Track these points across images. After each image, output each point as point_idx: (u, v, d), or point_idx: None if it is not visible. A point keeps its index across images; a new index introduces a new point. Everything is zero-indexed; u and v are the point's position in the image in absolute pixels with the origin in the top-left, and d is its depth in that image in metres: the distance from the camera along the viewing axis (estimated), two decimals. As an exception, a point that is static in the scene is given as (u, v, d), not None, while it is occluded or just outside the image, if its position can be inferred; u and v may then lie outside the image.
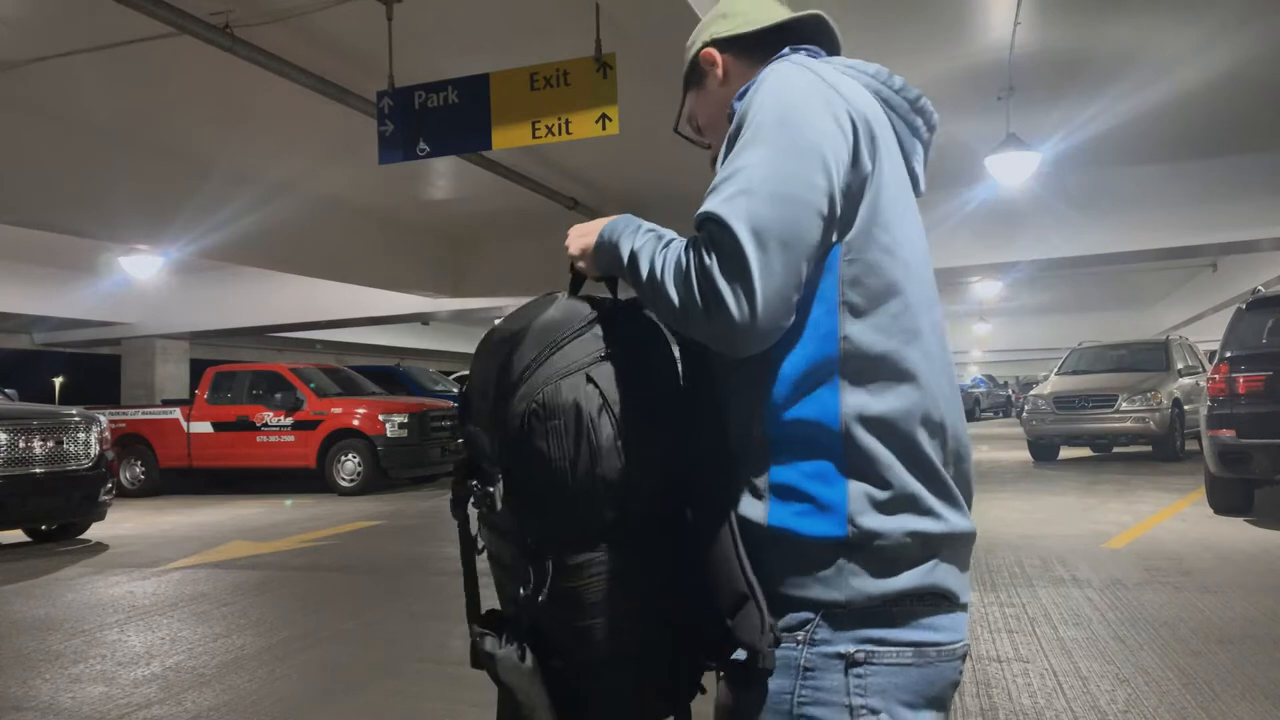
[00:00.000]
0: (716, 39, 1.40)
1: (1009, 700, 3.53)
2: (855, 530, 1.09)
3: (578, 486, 1.12)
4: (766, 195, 1.08)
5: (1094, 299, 24.53)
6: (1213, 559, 6.06)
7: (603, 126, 5.94)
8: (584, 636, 1.15)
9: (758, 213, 1.07)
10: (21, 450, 7.92)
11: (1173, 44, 7.72)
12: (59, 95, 8.17)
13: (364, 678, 4.13)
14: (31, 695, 3.97)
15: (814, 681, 1.10)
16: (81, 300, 16.89)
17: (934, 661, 1.12)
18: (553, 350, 1.16)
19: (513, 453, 1.15)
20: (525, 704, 1.18)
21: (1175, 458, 12.94)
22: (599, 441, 1.12)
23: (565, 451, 1.12)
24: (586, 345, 1.17)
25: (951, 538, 1.14)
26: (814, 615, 1.11)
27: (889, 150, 1.21)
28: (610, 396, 1.13)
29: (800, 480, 1.11)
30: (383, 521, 9.40)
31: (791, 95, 1.15)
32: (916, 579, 1.11)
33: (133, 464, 13.35)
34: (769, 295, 1.05)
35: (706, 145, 1.47)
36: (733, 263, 1.06)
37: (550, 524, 1.15)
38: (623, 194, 12.43)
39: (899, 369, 1.14)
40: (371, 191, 11.70)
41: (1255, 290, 8.95)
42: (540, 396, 1.13)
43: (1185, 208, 11.36)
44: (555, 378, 1.14)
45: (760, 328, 1.06)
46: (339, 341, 24.25)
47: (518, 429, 1.14)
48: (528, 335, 1.18)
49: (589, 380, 1.14)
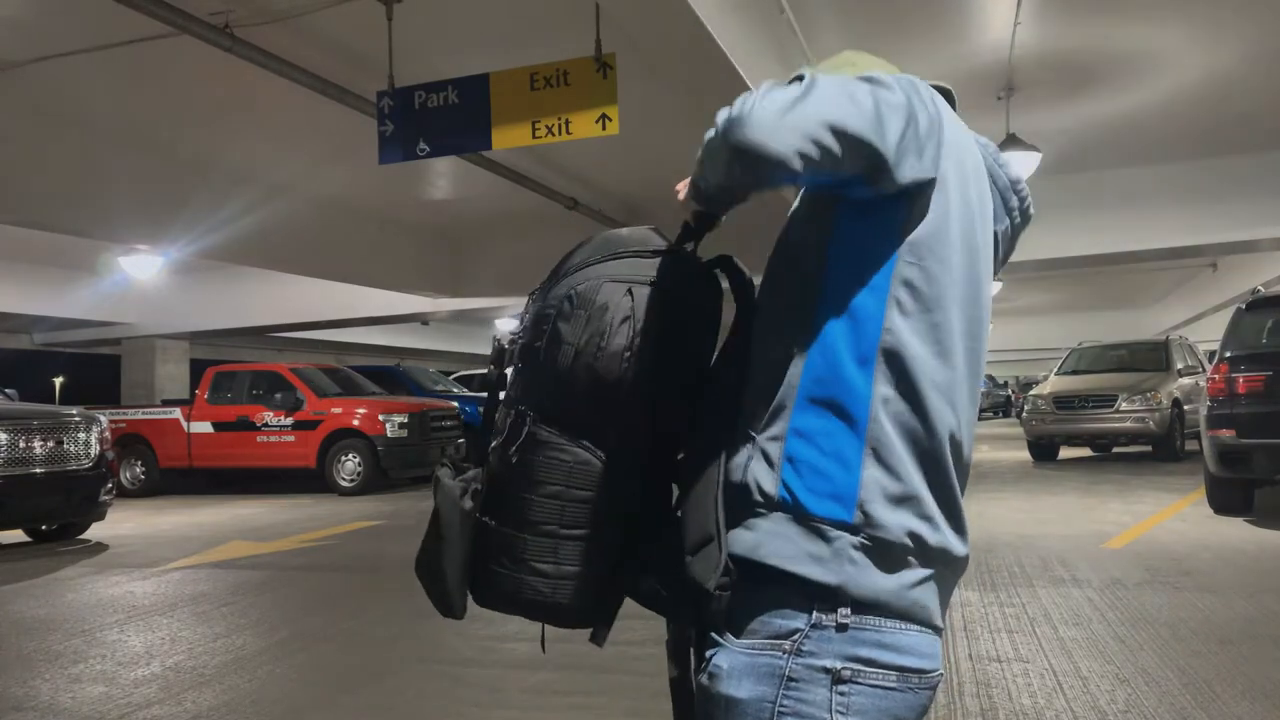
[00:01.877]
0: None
1: (1009, 700, 3.53)
2: (862, 516, 1.10)
3: (574, 373, 1.19)
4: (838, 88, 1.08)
5: (1094, 299, 24.53)
6: (1213, 559, 6.06)
7: (603, 126, 5.94)
8: (520, 507, 1.22)
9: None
10: (22, 450, 7.92)
11: (1173, 44, 7.73)
12: (59, 95, 8.18)
13: (364, 678, 4.13)
14: (31, 695, 3.97)
15: (797, 693, 1.10)
16: (81, 300, 16.88)
17: (914, 688, 1.12)
18: (609, 257, 1.24)
19: (536, 325, 1.25)
20: (445, 536, 1.25)
21: (1175, 458, 12.94)
22: (608, 344, 1.18)
23: (577, 338, 1.19)
24: (641, 268, 1.23)
25: (946, 554, 1.15)
26: (803, 626, 1.10)
27: (976, 191, 1.22)
28: (638, 314, 1.19)
29: (818, 457, 1.12)
30: (383, 521, 9.40)
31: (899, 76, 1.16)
32: (907, 584, 1.12)
33: (133, 464, 13.35)
34: (814, 101, 1.04)
35: None
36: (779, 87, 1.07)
37: (542, 396, 1.23)
38: (623, 194, 12.43)
39: (934, 393, 1.15)
40: (371, 191, 11.69)
41: (1255, 290, 8.95)
42: (581, 286, 1.22)
43: (1185, 208, 11.36)
44: (599, 279, 1.22)
45: (758, 116, 1.04)
46: (339, 341, 24.24)
47: (553, 306, 1.23)
48: (596, 238, 1.29)
49: (628, 293, 1.20)
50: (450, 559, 1.25)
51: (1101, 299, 24.53)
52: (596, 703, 3.64)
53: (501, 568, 1.24)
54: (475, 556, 1.25)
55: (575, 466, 1.20)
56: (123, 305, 17.19)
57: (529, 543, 1.22)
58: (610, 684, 3.83)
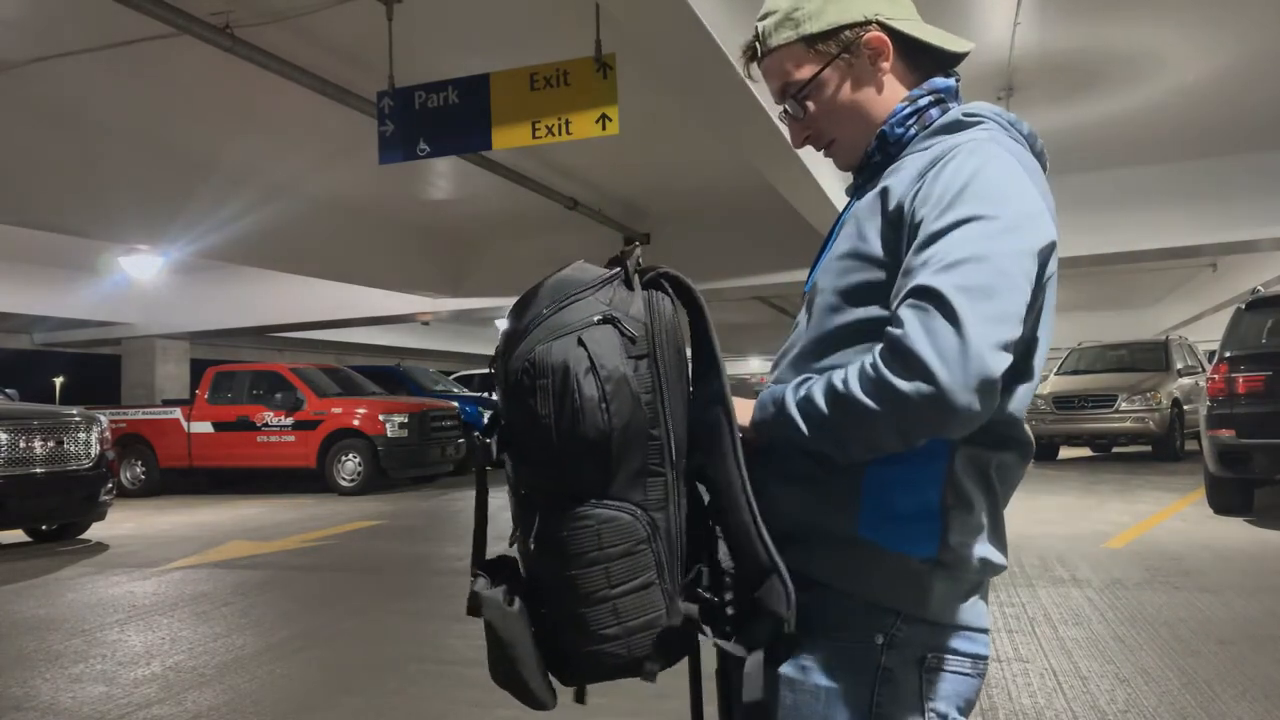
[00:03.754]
0: (890, 27, 1.26)
1: (1009, 700, 3.53)
2: (947, 552, 1.16)
3: (561, 444, 1.13)
4: (987, 272, 1.06)
5: (1094, 299, 24.51)
6: (1213, 559, 6.06)
7: (603, 126, 5.94)
8: (564, 587, 1.17)
9: (969, 283, 1.05)
10: (22, 450, 7.92)
11: (1173, 44, 7.72)
12: (59, 95, 8.17)
13: (364, 678, 4.13)
14: (32, 695, 3.97)
15: (893, 684, 1.15)
16: (81, 300, 16.88)
17: (980, 674, 1.21)
18: (555, 310, 1.17)
19: (509, 406, 1.19)
20: (508, 644, 1.20)
21: (1175, 458, 12.94)
22: (582, 404, 1.12)
23: (550, 410, 1.13)
24: (589, 307, 1.17)
25: (997, 569, 1.24)
26: (894, 619, 1.16)
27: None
28: (600, 359, 1.13)
29: (902, 498, 1.15)
30: (383, 521, 9.40)
31: (1021, 205, 1.12)
32: (974, 602, 1.22)
33: (133, 464, 13.35)
34: (977, 344, 1.01)
35: (792, 118, 1.34)
36: (936, 319, 1.02)
37: (539, 477, 1.18)
38: (623, 194, 12.43)
39: (1008, 428, 1.19)
40: (372, 191, 11.69)
41: (1255, 290, 8.95)
42: (533, 355, 1.15)
43: (1185, 208, 11.36)
44: (549, 338, 1.15)
45: (969, 385, 1.00)
46: (339, 341, 24.24)
47: (514, 384, 1.16)
48: (539, 291, 1.20)
49: (580, 343, 1.14)
50: (524, 664, 1.21)
51: (1101, 299, 24.50)
52: (597, 703, 3.63)
53: (574, 646, 1.20)
54: (544, 643, 1.22)
55: (601, 528, 1.15)
56: (123, 305, 17.18)
57: (587, 615, 1.17)
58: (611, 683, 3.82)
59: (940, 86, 1.27)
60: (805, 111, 1.30)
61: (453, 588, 5.94)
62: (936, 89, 1.27)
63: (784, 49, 1.28)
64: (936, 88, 1.27)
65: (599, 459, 1.13)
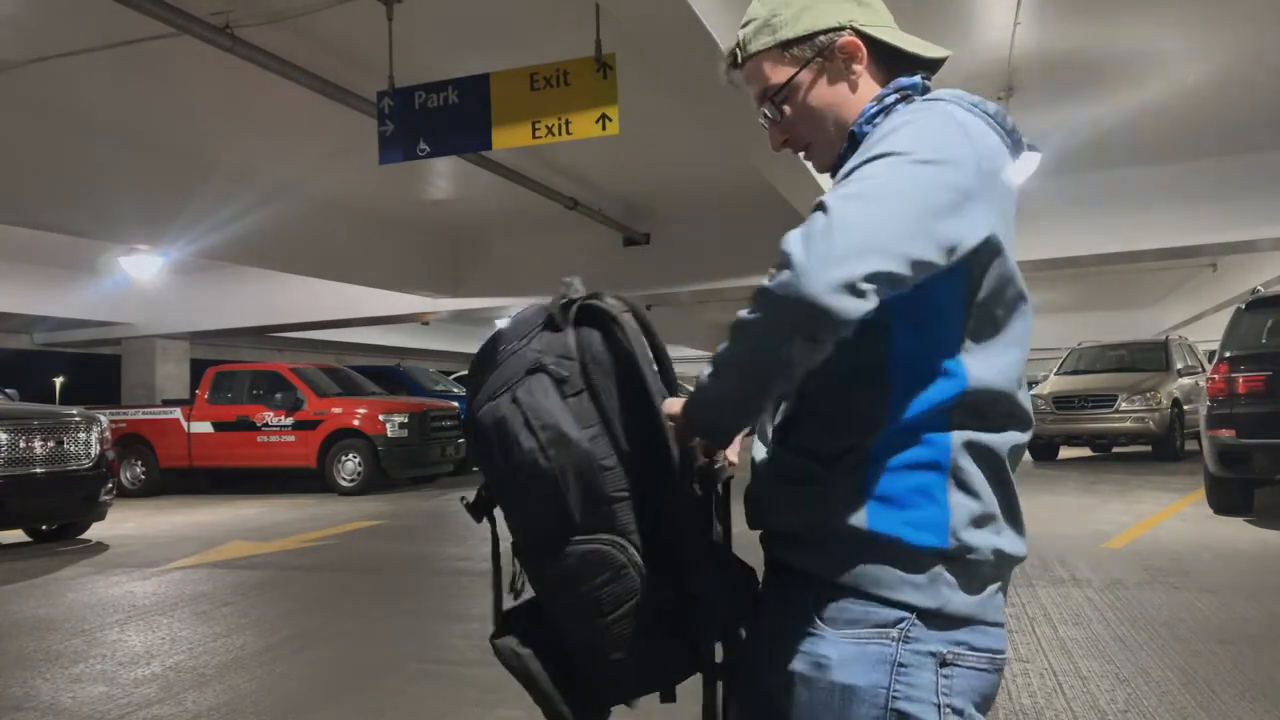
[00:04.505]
0: (863, 32, 1.29)
1: (1009, 700, 3.53)
2: (956, 543, 1.15)
3: (519, 494, 1.22)
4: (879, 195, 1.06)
5: (1094, 299, 24.51)
6: (1212, 559, 6.06)
7: (603, 126, 5.94)
8: (567, 625, 1.26)
9: (854, 191, 1.06)
10: (22, 450, 7.92)
11: (1172, 44, 7.72)
12: (59, 95, 8.17)
13: (364, 678, 4.13)
14: (32, 695, 3.97)
15: (907, 678, 1.15)
16: (81, 300, 16.88)
17: (998, 669, 1.21)
18: (489, 370, 1.26)
19: (477, 463, 1.29)
20: (531, 684, 1.29)
21: (1175, 458, 12.94)
22: (522, 456, 1.19)
23: (498, 466, 1.22)
24: (521, 360, 1.24)
25: (1016, 559, 1.23)
26: (909, 614, 1.16)
27: (1005, 204, 1.20)
28: (532, 411, 1.20)
29: (906, 491, 1.16)
30: (383, 521, 9.40)
31: (941, 148, 1.11)
32: (989, 594, 1.20)
33: (133, 464, 13.35)
34: (844, 240, 1.00)
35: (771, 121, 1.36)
36: (814, 221, 1.03)
37: (513, 525, 1.28)
38: (623, 194, 12.43)
39: (1009, 407, 1.19)
40: (371, 191, 11.69)
41: (1255, 290, 8.95)
42: (477, 418, 1.25)
43: (1185, 208, 11.35)
44: (489, 398, 1.24)
45: (823, 272, 0.99)
46: (339, 341, 24.23)
47: (472, 445, 1.27)
48: (479, 353, 1.30)
49: (513, 400, 1.21)
50: (552, 699, 1.28)
51: (1101, 299, 24.51)
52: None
53: (594, 673, 1.27)
54: (569, 674, 1.28)
55: (580, 563, 1.20)
56: (123, 305, 17.18)
57: (595, 643, 1.24)
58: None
59: (905, 84, 1.28)
60: (782, 115, 1.33)
61: (453, 588, 5.94)
62: (902, 86, 1.28)
63: (762, 54, 1.32)
64: (902, 85, 1.28)
65: (555, 502, 1.19)
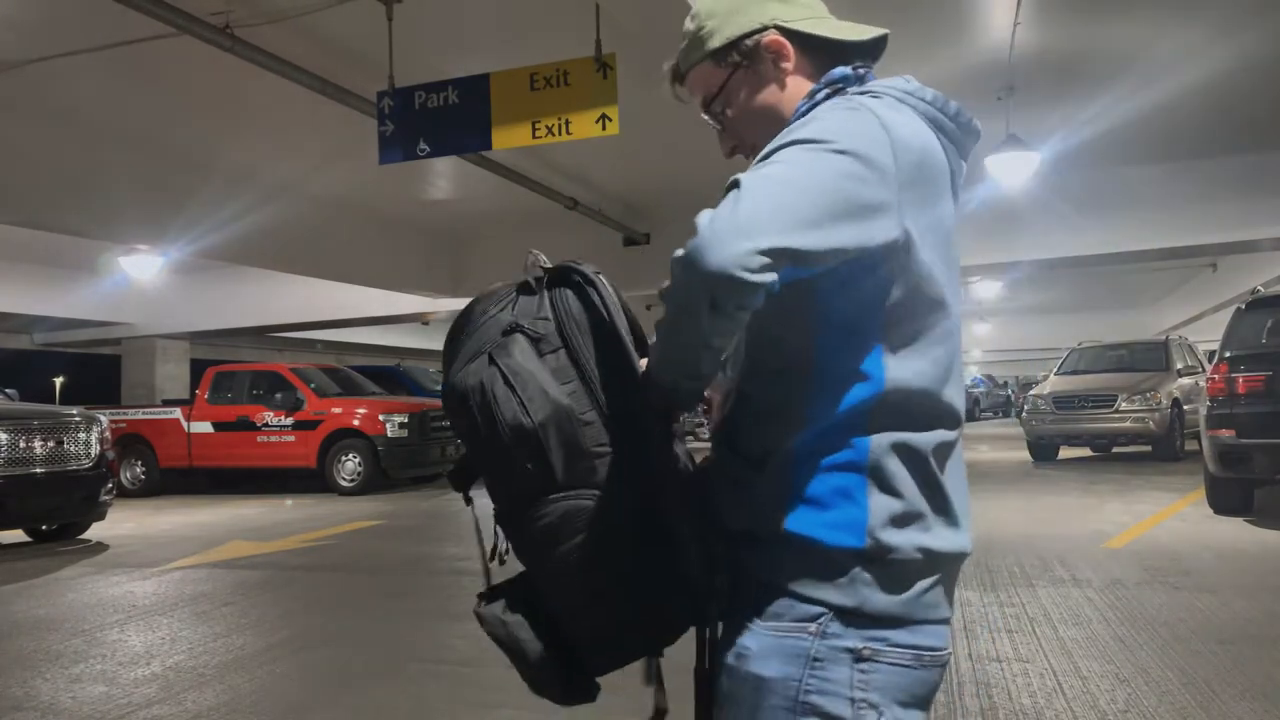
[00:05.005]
0: (787, 29, 1.30)
1: (1009, 700, 3.53)
2: (873, 543, 1.15)
3: (500, 452, 1.20)
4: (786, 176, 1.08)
5: (1094, 299, 24.52)
6: (1212, 559, 6.06)
7: (603, 126, 5.94)
8: (552, 582, 1.24)
9: (763, 172, 1.08)
10: (22, 450, 7.92)
11: (1173, 44, 7.72)
12: (59, 95, 8.17)
13: (364, 678, 4.13)
14: (31, 695, 3.97)
15: (822, 672, 1.15)
16: (81, 300, 16.88)
17: (927, 665, 1.19)
18: (469, 336, 1.27)
19: (455, 432, 1.29)
20: (515, 650, 1.28)
21: (1175, 458, 12.94)
22: (502, 410, 1.19)
23: (481, 425, 1.21)
24: (497, 325, 1.26)
25: (954, 555, 1.21)
26: (828, 611, 1.16)
27: (932, 194, 1.20)
28: (510, 367, 1.20)
29: (825, 492, 1.16)
30: (383, 521, 9.41)
31: (855, 141, 1.12)
32: (918, 593, 1.18)
33: (133, 464, 13.35)
34: (747, 214, 1.03)
35: (720, 128, 1.40)
36: (724, 200, 1.06)
37: (499, 487, 1.26)
38: (623, 194, 12.43)
39: (932, 406, 1.20)
40: (371, 191, 11.69)
41: (1255, 290, 8.95)
42: (455, 381, 1.24)
43: (1185, 208, 11.36)
44: (464, 362, 1.24)
45: (724, 243, 1.02)
46: (339, 341, 24.23)
47: (449, 411, 1.26)
48: (454, 325, 1.31)
49: (490, 360, 1.22)
50: (539, 665, 1.28)
51: (1101, 299, 24.52)
52: (599, 703, 3.63)
53: (580, 635, 1.27)
54: (558, 640, 1.28)
55: (560, 519, 1.19)
56: (123, 305, 17.18)
57: (573, 604, 1.24)
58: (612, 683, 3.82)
59: (837, 76, 1.28)
60: (725, 122, 1.37)
61: (453, 588, 5.94)
62: (833, 80, 1.28)
63: (697, 68, 1.35)
64: (833, 78, 1.28)
65: (536, 455, 1.19)
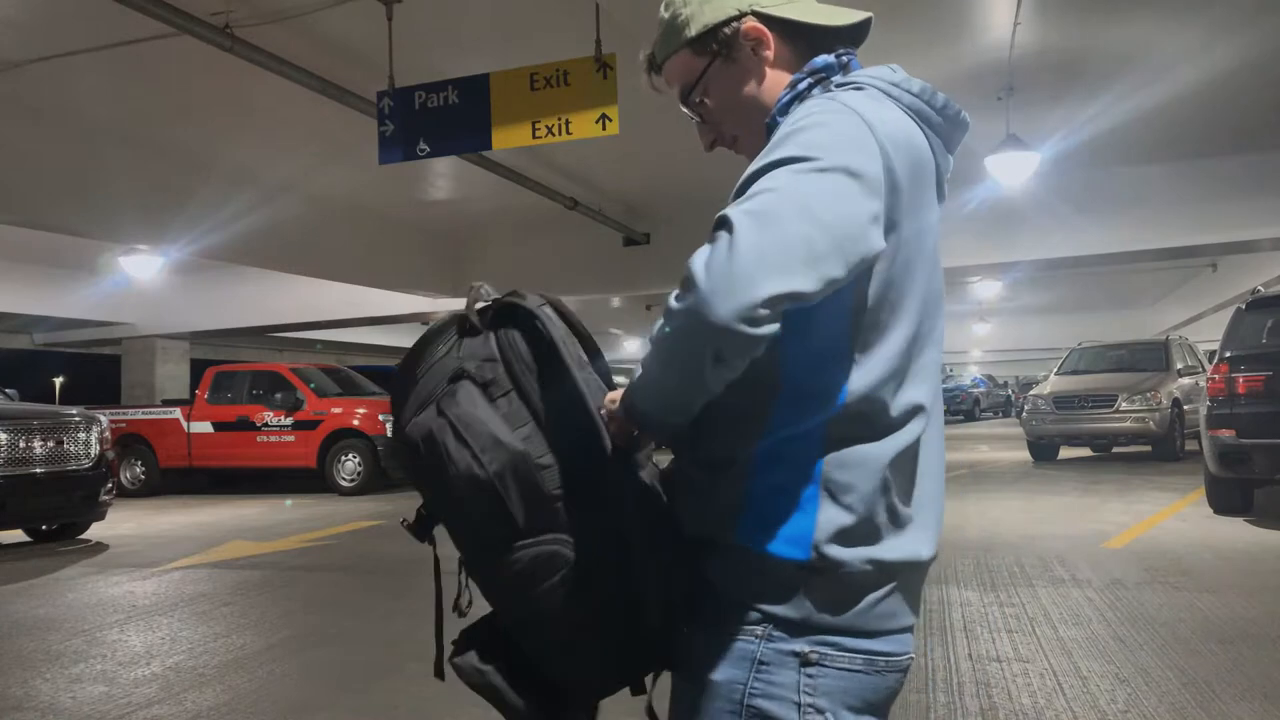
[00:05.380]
0: (766, 15, 1.26)
1: (1009, 700, 3.53)
2: (818, 556, 1.11)
3: (460, 506, 1.18)
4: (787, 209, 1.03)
5: (1094, 299, 24.52)
6: (1213, 559, 6.06)
7: (603, 126, 5.94)
8: (527, 627, 1.22)
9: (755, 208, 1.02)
10: (22, 450, 7.92)
11: (1173, 44, 7.72)
12: (59, 95, 8.17)
13: (364, 678, 4.13)
14: (31, 695, 3.97)
15: (767, 675, 1.13)
16: (81, 300, 16.88)
17: (881, 671, 1.16)
18: (410, 386, 1.23)
19: (412, 480, 1.25)
20: (497, 699, 1.26)
21: (1175, 458, 12.94)
22: (457, 466, 1.15)
23: (433, 481, 1.19)
24: (443, 369, 1.21)
25: (910, 565, 1.17)
26: (775, 620, 1.14)
27: (917, 196, 1.17)
28: (461, 419, 1.16)
29: (776, 502, 1.13)
30: (383, 521, 9.40)
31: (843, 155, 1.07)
32: (870, 605, 1.14)
33: (133, 464, 13.35)
34: (746, 261, 0.97)
35: (699, 119, 1.36)
36: (718, 240, 1.01)
37: (457, 540, 1.24)
38: (623, 194, 12.43)
39: (893, 407, 1.15)
40: (371, 191, 11.69)
41: (1255, 290, 8.95)
42: (405, 434, 1.21)
43: (1185, 208, 11.35)
44: (415, 413, 1.21)
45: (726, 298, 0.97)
46: (339, 341, 24.23)
47: (403, 463, 1.24)
48: (398, 370, 1.26)
49: (439, 411, 1.18)
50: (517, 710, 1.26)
51: (1101, 299, 24.52)
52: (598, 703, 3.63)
53: (558, 675, 1.24)
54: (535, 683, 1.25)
55: (532, 564, 1.16)
56: (123, 305, 17.18)
57: (548, 649, 1.22)
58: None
59: (820, 65, 1.25)
60: (704, 114, 1.33)
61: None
62: (815, 69, 1.25)
63: (674, 57, 1.32)
64: (815, 67, 1.25)
65: (496, 507, 1.15)
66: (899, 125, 1.16)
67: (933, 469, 1.22)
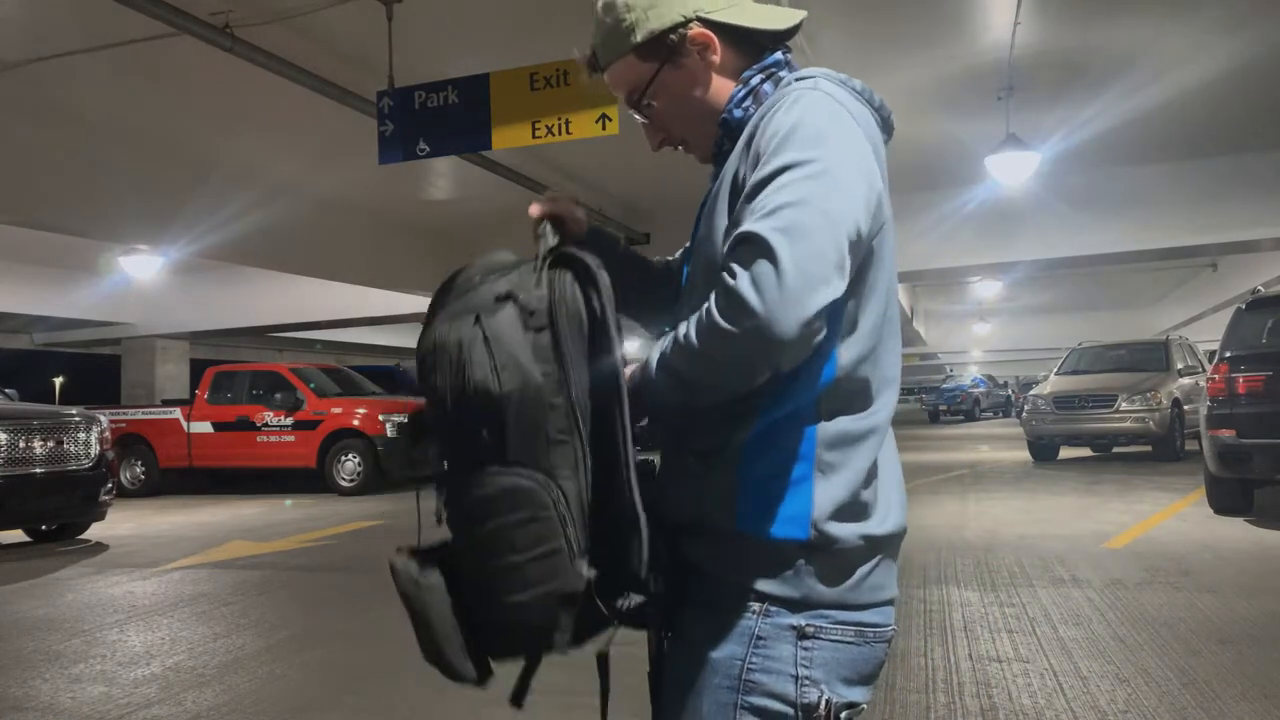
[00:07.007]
0: (710, 20, 1.28)
1: (1009, 700, 3.53)
2: (817, 534, 1.16)
3: (457, 411, 1.16)
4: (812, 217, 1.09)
5: (1094, 299, 24.54)
6: (1213, 559, 6.06)
7: (603, 126, 5.94)
8: (474, 553, 1.18)
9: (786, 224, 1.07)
10: (22, 450, 7.92)
11: (1173, 44, 7.72)
12: (59, 95, 8.17)
13: (364, 678, 4.13)
14: (31, 695, 3.97)
15: (765, 650, 1.17)
16: (81, 300, 16.89)
17: (870, 642, 1.21)
18: (458, 295, 1.23)
19: (422, 384, 1.24)
20: (422, 616, 1.22)
21: (1175, 458, 12.94)
22: (473, 371, 1.15)
23: (446, 382, 1.17)
24: (491, 289, 1.21)
25: (894, 536, 1.24)
26: (773, 598, 1.18)
27: (886, 177, 1.23)
28: (492, 331, 1.16)
29: (772, 485, 1.17)
30: (383, 521, 9.40)
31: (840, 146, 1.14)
32: (862, 577, 1.20)
33: (133, 464, 13.35)
34: (793, 282, 1.04)
35: (646, 121, 1.38)
36: (758, 262, 1.05)
37: (446, 447, 1.22)
38: (623, 194, 12.44)
39: (872, 382, 1.22)
40: (371, 191, 11.69)
41: (1255, 290, 8.95)
42: (435, 333, 1.20)
43: (1185, 208, 11.36)
44: (449, 319, 1.20)
45: (786, 317, 1.04)
46: (339, 341, 24.24)
47: (420, 366, 1.22)
48: (446, 281, 1.26)
49: (476, 320, 1.18)
50: (441, 637, 1.22)
51: (1101, 299, 24.54)
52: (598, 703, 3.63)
53: (485, 615, 1.20)
54: (464, 621, 1.22)
55: (503, 494, 1.14)
56: (123, 305, 17.19)
57: (494, 581, 1.16)
58: (613, 684, 3.81)
59: (769, 61, 1.30)
60: (651, 116, 1.36)
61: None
62: (765, 65, 1.30)
63: (619, 62, 1.34)
64: (765, 64, 1.30)
65: (493, 423, 1.15)
66: (863, 112, 1.23)
67: (892, 442, 1.28)
